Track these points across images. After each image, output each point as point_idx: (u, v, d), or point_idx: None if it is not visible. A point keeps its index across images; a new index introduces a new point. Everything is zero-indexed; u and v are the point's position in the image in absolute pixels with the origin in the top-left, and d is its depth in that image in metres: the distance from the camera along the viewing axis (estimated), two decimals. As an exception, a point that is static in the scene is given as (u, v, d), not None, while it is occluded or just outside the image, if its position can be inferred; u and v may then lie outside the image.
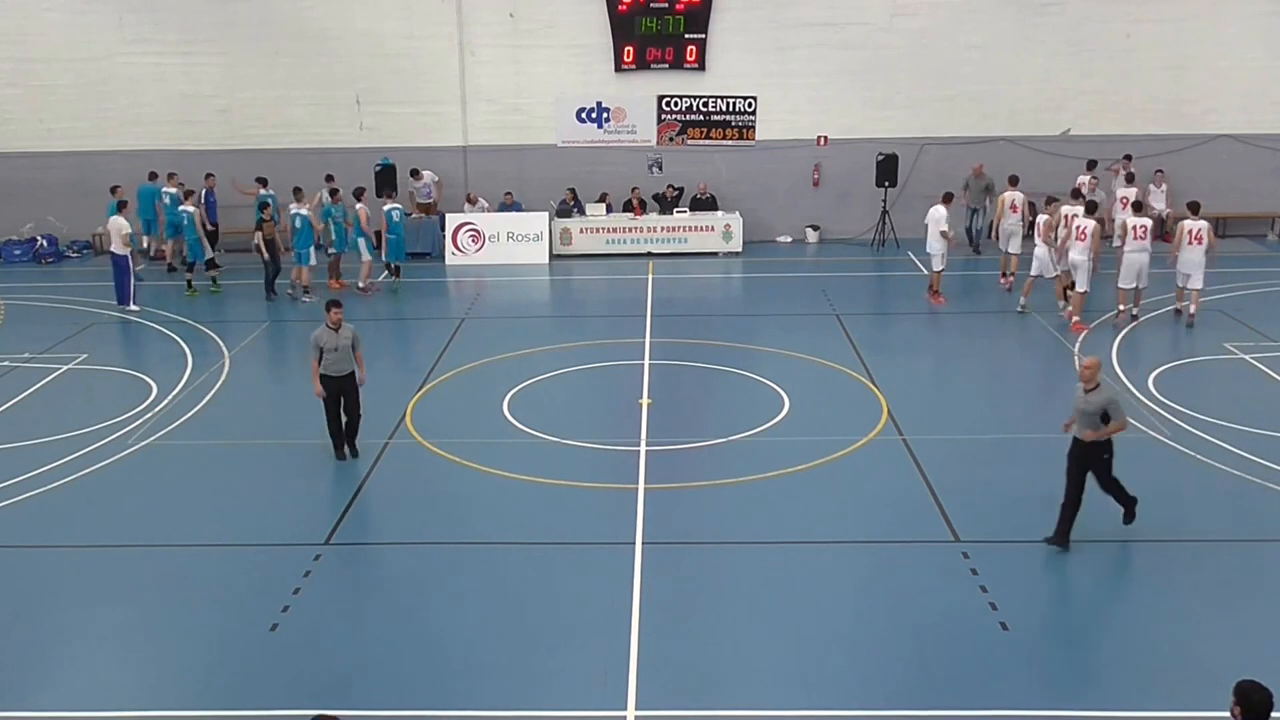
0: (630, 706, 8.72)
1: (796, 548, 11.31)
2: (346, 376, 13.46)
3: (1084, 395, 10.90)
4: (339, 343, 13.30)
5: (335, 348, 13.29)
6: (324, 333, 13.31)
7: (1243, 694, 6.36)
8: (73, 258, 26.12)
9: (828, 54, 25.39)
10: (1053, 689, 8.86)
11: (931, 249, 20.55)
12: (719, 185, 26.09)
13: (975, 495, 12.32)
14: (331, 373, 13.35)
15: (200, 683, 9.16)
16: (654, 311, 20.47)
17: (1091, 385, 10.89)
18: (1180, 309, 19.08)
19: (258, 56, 25.70)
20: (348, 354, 13.40)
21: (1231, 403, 14.95)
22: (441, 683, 9.10)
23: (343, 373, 13.41)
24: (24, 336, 19.19)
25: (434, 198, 25.67)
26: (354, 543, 11.66)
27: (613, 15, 25.40)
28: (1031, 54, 25.25)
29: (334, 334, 13.27)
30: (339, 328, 13.30)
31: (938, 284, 20.73)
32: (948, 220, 20.51)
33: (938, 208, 20.61)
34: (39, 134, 26.02)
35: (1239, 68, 25.14)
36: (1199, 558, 10.98)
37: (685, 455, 13.69)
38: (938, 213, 20.49)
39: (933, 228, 20.45)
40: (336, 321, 13.28)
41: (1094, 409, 10.78)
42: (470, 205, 25.14)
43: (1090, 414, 10.80)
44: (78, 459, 13.72)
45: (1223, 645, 9.36)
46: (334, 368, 13.36)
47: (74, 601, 10.46)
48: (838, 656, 9.40)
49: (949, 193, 21.28)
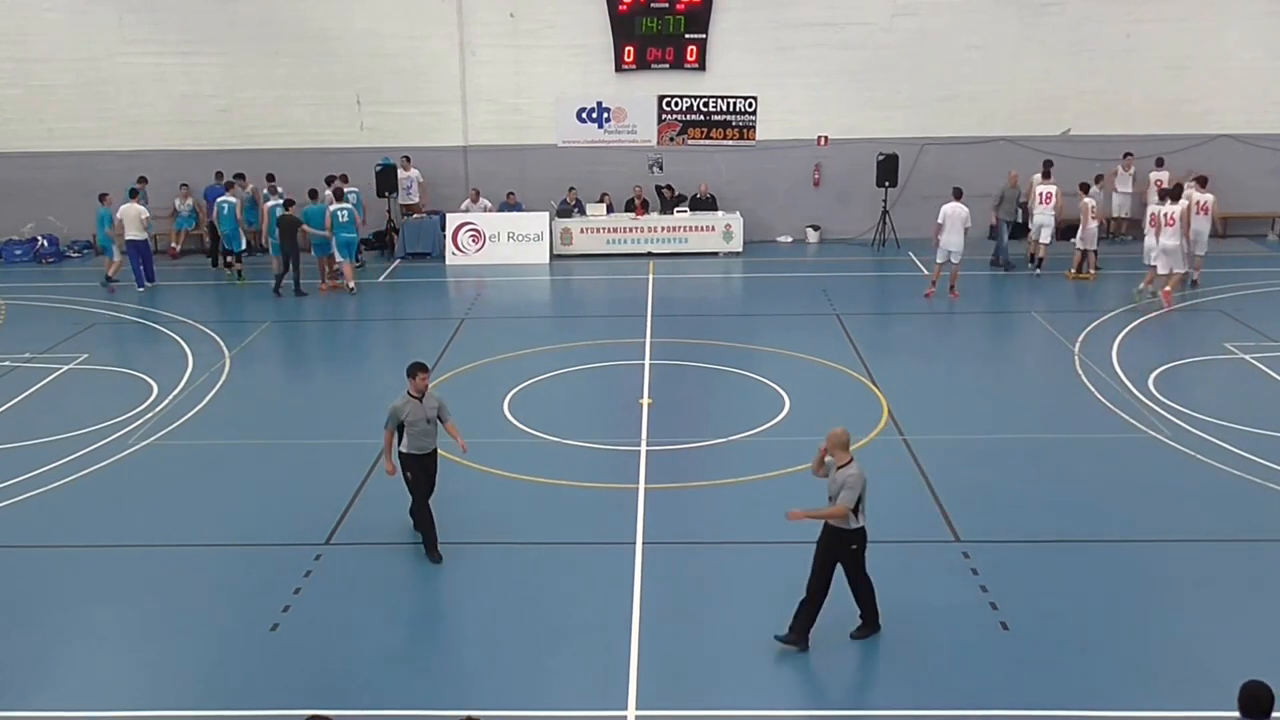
0: (630, 706, 8.73)
1: (797, 548, 11.25)
2: (433, 454, 11.30)
3: (833, 471, 9.32)
4: (425, 414, 11.02)
5: (422, 420, 11.03)
6: (406, 403, 10.97)
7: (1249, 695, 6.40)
8: (73, 258, 26.12)
9: (828, 54, 25.40)
10: (1053, 689, 8.86)
11: (955, 245, 20.43)
12: (719, 185, 26.10)
13: (975, 495, 12.32)
14: (416, 450, 11.09)
15: (200, 683, 9.17)
16: (654, 311, 20.47)
17: (843, 460, 9.28)
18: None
19: (258, 56, 25.71)
20: (435, 426, 11.18)
21: (1231, 403, 14.96)
22: (442, 683, 9.11)
23: (428, 449, 11.19)
24: (25, 336, 19.19)
25: (416, 198, 25.65)
26: (354, 543, 11.66)
27: (613, 15, 25.41)
28: (1031, 54, 25.26)
29: (418, 404, 10.98)
30: (424, 395, 11.08)
31: (954, 279, 20.74)
32: (970, 216, 20.58)
33: (959, 205, 20.56)
34: (39, 134, 26.04)
35: (1239, 68, 25.15)
36: (1199, 558, 10.99)
37: (686, 455, 13.70)
38: (960, 210, 20.46)
39: (957, 224, 20.37)
40: (422, 389, 10.99)
41: (834, 489, 9.25)
42: (472, 203, 25.15)
43: (831, 495, 9.29)
44: (78, 459, 13.73)
45: (1223, 645, 9.36)
46: (420, 443, 11.08)
47: (74, 601, 10.47)
48: (838, 656, 9.41)
49: (958, 188, 21.16)
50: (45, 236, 25.93)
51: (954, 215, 20.49)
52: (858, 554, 9.38)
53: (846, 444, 9.30)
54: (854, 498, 9.10)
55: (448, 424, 11.24)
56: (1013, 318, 19.66)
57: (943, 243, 20.58)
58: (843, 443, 9.28)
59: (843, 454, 9.26)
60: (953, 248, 20.49)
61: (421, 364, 11.08)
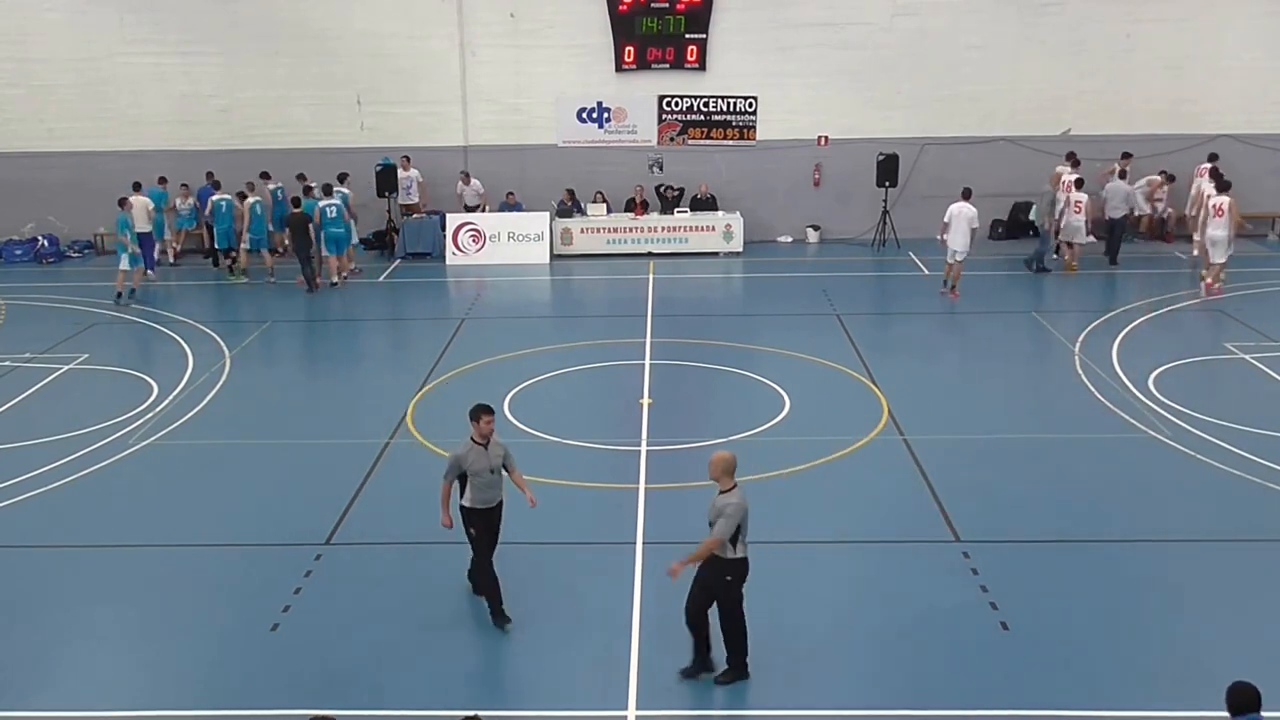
0: (630, 706, 8.73)
1: (796, 547, 11.32)
2: (498, 507, 10.11)
3: (715, 497, 8.82)
4: (490, 463, 9.90)
5: (486, 470, 9.89)
6: (470, 450, 9.84)
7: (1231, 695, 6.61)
8: (74, 257, 26.13)
9: (828, 54, 25.40)
10: (1053, 689, 8.85)
11: (959, 245, 20.45)
12: (719, 185, 26.10)
13: (975, 495, 12.32)
14: (481, 504, 9.93)
15: (200, 683, 9.17)
16: (655, 311, 20.47)
17: (726, 486, 8.75)
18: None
19: (258, 57, 25.71)
20: (500, 476, 10.04)
21: (1231, 403, 14.95)
22: (442, 682, 9.11)
23: (493, 502, 10.02)
24: (25, 336, 19.20)
25: (416, 198, 25.65)
26: (355, 542, 11.66)
27: (613, 15, 25.41)
28: (1031, 54, 25.25)
29: (483, 451, 9.85)
30: (489, 442, 9.98)
31: (957, 279, 20.77)
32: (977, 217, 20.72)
33: (967, 206, 20.61)
34: (40, 134, 26.03)
35: (1239, 68, 25.14)
36: (1199, 558, 10.98)
37: (686, 455, 13.69)
38: (967, 210, 20.53)
39: (962, 224, 20.41)
40: (487, 434, 9.86)
41: (713, 516, 8.72)
42: (464, 185, 25.01)
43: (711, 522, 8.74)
44: (79, 459, 13.73)
45: (1223, 645, 9.36)
46: (485, 496, 9.92)
47: (74, 601, 10.47)
48: (837, 656, 9.42)
49: (968, 188, 21.14)
50: (45, 236, 25.93)
51: (959, 215, 20.52)
52: (732, 587, 8.75)
53: (731, 470, 8.74)
54: (731, 526, 8.55)
55: (514, 474, 10.12)
56: (1013, 318, 19.66)
57: (948, 242, 20.63)
58: (727, 469, 8.72)
59: (726, 480, 8.71)
60: (957, 247, 20.51)
61: (486, 406, 9.90)
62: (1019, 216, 25.46)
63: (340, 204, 23.00)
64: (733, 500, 8.64)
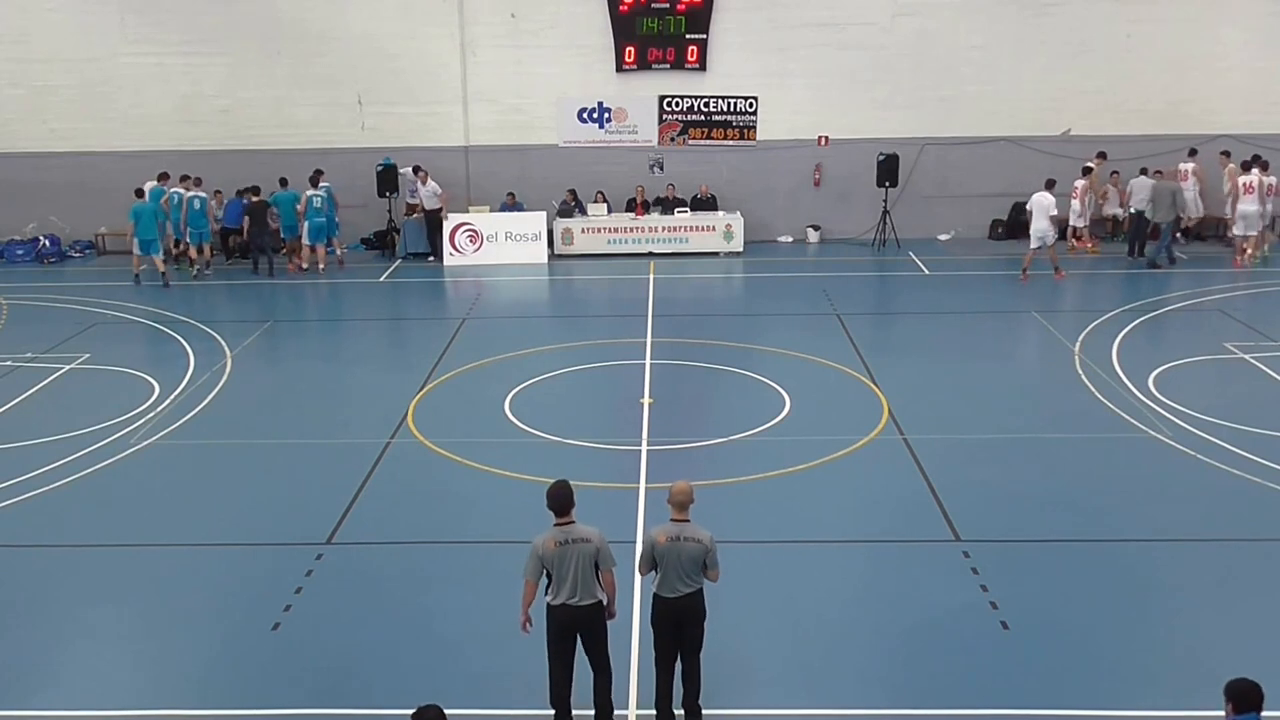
0: (631, 706, 8.74)
1: (797, 547, 11.32)
2: (591, 607, 8.31)
3: (695, 529, 8.42)
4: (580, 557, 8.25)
5: (572, 563, 8.26)
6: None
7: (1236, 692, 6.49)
8: (75, 257, 26.15)
9: (828, 54, 25.41)
10: (1053, 689, 8.86)
11: (1042, 231, 21.58)
12: (720, 185, 26.10)
13: (975, 495, 12.33)
14: (569, 601, 8.28)
15: (201, 682, 9.18)
16: (655, 311, 20.47)
17: (681, 516, 8.33)
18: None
19: (259, 57, 25.73)
20: (591, 573, 8.31)
21: (1231, 403, 14.95)
22: (442, 682, 9.11)
23: (585, 602, 8.28)
24: (26, 336, 19.20)
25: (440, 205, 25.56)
26: (356, 542, 11.67)
27: (614, 15, 25.42)
28: (1031, 54, 25.26)
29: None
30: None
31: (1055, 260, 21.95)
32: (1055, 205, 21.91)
33: (1045, 195, 21.75)
34: (41, 134, 26.04)
35: (1239, 68, 25.14)
36: (1199, 558, 10.99)
37: (686, 455, 13.70)
38: (1045, 199, 21.68)
39: (1042, 213, 21.58)
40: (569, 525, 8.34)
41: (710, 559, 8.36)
42: (421, 185, 24.60)
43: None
44: (80, 459, 13.74)
45: (1222, 645, 9.36)
46: (573, 593, 8.26)
47: (74, 601, 10.48)
48: (838, 656, 9.42)
49: (1051, 179, 22.38)
50: (47, 236, 25.94)
51: (1039, 204, 21.67)
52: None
53: (685, 504, 8.40)
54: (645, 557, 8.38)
55: (606, 571, 8.40)
56: (1013, 317, 19.66)
57: (1033, 230, 21.78)
58: (680, 502, 8.38)
59: (679, 513, 8.39)
60: (1041, 233, 21.65)
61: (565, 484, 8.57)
62: (1019, 216, 25.46)
63: (325, 195, 23.77)
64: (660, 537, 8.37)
